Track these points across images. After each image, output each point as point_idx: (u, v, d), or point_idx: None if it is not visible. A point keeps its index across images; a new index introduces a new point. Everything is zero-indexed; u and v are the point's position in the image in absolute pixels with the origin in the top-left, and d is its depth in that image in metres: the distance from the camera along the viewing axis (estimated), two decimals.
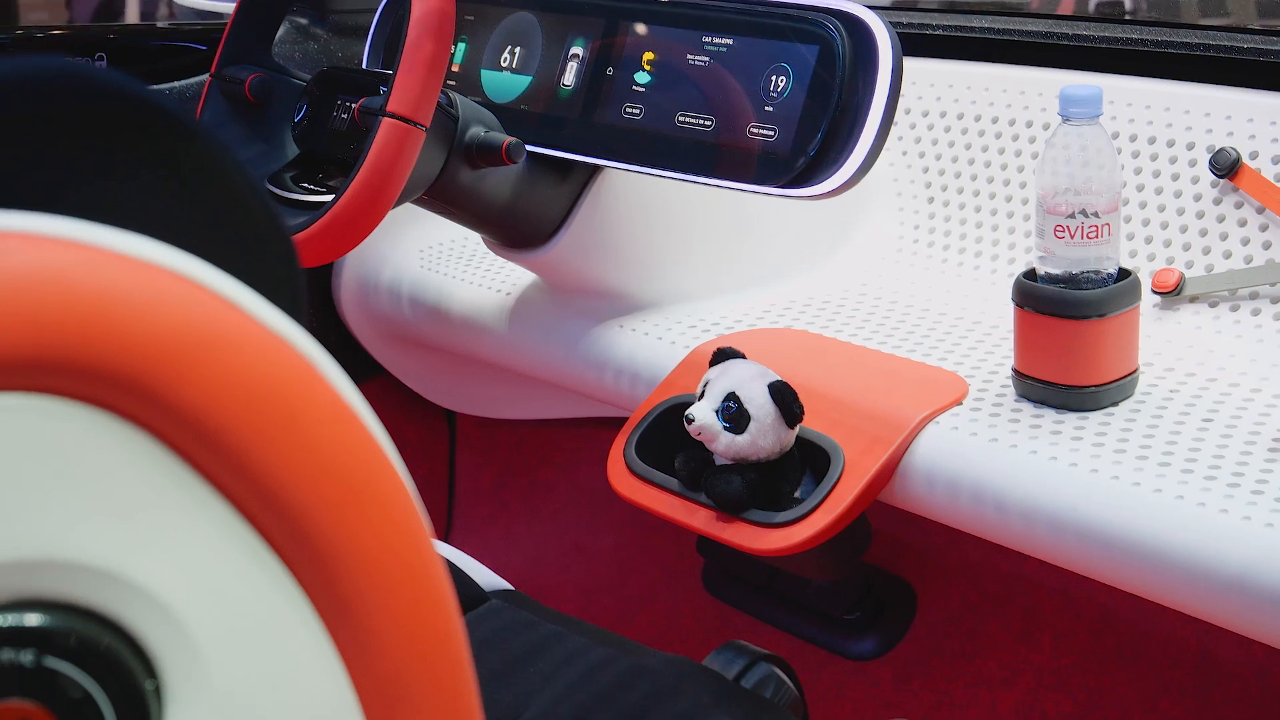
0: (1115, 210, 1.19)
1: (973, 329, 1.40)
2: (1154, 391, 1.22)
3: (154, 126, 0.48)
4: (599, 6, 1.41)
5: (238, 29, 1.51)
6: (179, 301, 0.40)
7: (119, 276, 0.40)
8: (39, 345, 0.38)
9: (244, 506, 0.41)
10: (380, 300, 1.81)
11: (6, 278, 0.38)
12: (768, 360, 1.28)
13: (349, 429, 0.42)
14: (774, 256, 1.57)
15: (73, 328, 0.39)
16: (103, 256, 0.40)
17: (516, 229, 1.48)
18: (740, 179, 1.27)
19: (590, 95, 1.39)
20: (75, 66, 0.47)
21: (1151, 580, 1.09)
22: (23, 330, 0.38)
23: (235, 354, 0.40)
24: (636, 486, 1.32)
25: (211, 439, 0.40)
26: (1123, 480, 1.10)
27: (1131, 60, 1.50)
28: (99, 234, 0.40)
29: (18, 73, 0.46)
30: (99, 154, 0.47)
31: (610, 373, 1.49)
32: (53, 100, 0.46)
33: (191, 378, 0.39)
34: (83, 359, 0.39)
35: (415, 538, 0.43)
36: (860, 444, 1.23)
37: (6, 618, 0.38)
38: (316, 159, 1.45)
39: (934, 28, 1.67)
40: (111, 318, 0.39)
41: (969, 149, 1.57)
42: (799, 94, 1.24)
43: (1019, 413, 1.21)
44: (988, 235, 1.53)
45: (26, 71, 0.46)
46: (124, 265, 0.40)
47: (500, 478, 2.09)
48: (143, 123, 0.48)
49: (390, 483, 0.42)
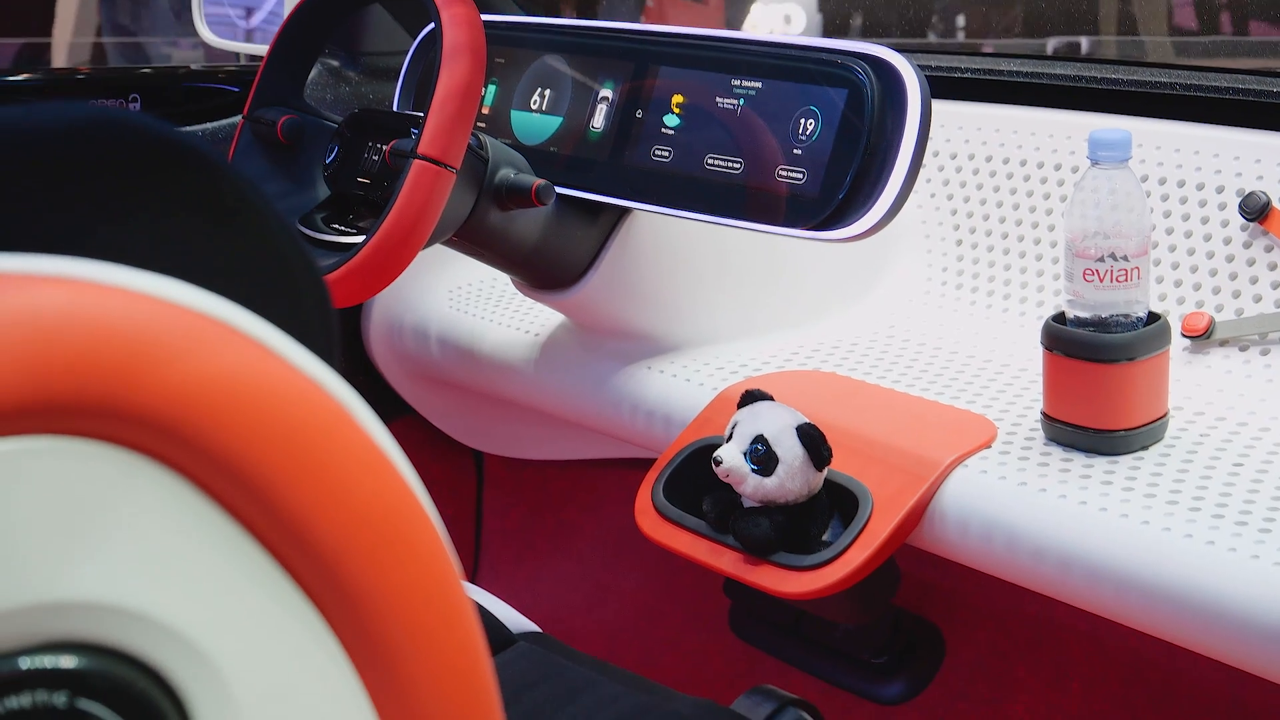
0: (1145, 254, 1.19)
1: (1001, 372, 1.39)
2: (1184, 436, 1.21)
3: (187, 169, 0.49)
4: (628, 50, 1.42)
5: (270, 71, 1.52)
6: (213, 346, 0.41)
7: (155, 321, 0.40)
8: (74, 389, 0.38)
9: (276, 550, 0.41)
10: (409, 340, 1.82)
11: (44, 322, 0.38)
12: (796, 402, 1.28)
13: (382, 473, 0.42)
14: (802, 298, 1.57)
15: (108, 372, 0.39)
16: (139, 301, 0.40)
17: (545, 270, 1.48)
18: (769, 221, 1.27)
19: (619, 137, 1.40)
20: (107, 112, 0.47)
21: (1182, 626, 1.08)
22: (59, 374, 0.38)
23: (269, 399, 0.40)
24: (664, 528, 1.32)
25: (244, 482, 0.40)
26: (1153, 525, 1.10)
27: (1160, 103, 1.50)
28: (135, 278, 0.41)
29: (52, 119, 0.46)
30: (133, 197, 0.48)
31: (638, 414, 1.49)
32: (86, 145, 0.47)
33: (226, 422, 0.40)
34: (118, 403, 0.39)
35: (447, 582, 0.43)
36: (889, 487, 1.23)
37: (41, 660, 0.39)
38: (347, 200, 1.46)
39: (962, 70, 1.68)
40: (147, 362, 0.39)
41: (997, 191, 1.57)
42: (828, 137, 1.24)
43: (1048, 456, 1.21)
44: (1016, 278, 1.52)
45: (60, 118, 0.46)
46: (159, 310, 0.40)
47: (527, 518, 2.08)
48: (176, 165, 0.48)
49: (422, 527, 0.42)
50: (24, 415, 0.38)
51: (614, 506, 1.98)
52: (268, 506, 0.40)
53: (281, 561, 0.41)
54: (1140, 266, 1.18)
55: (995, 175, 1.57)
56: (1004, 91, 1.63)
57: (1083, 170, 1.21)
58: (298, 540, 0.41)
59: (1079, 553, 1.12)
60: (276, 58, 1.52)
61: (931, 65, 1.69)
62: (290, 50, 1.52)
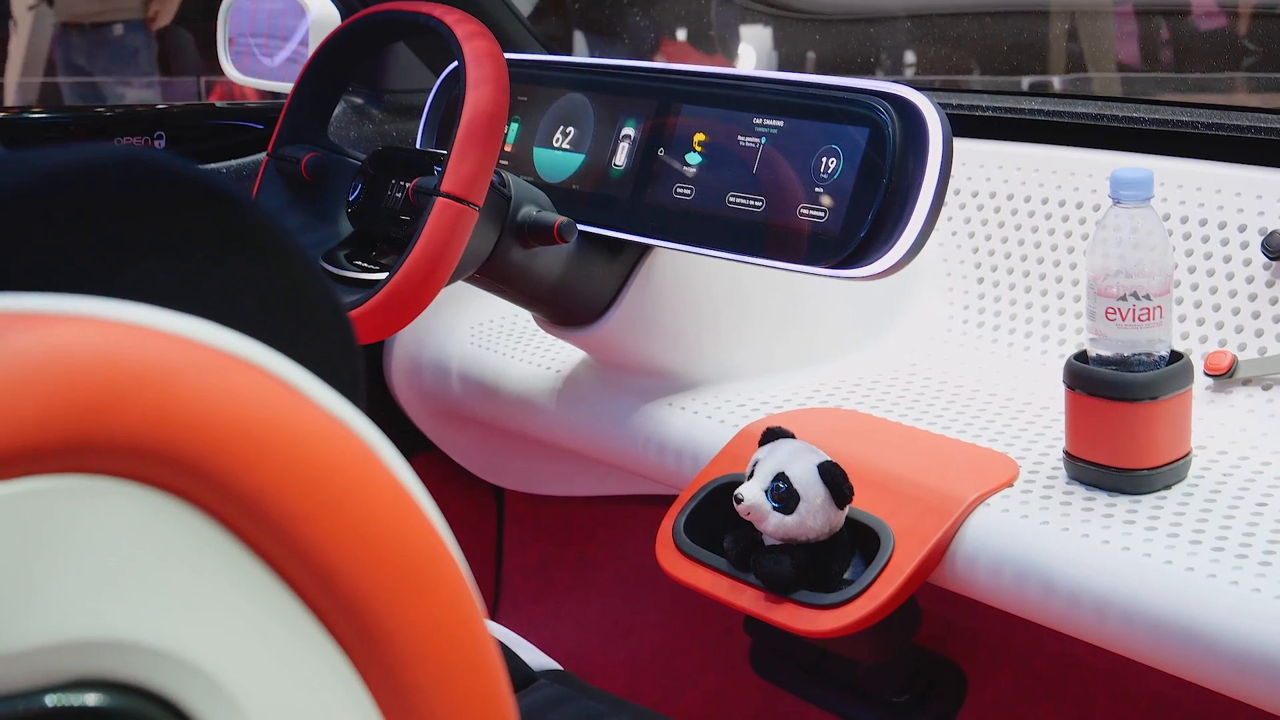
0: (1167, 293, 1.19)
1: (1023, 410, 1.39)
2: (1207, 475, 1.21)
3: (212, 208, 0.49)
4: (651, 88, 1.43)
5: (295, 109, 1.53)
6: (239, 386, 0.41)
7: (180, 360, 0.40)
8: (102, 429, 0.39)
9: (300, 588, 0.41)
10: (430, 376, 1.82)
11: (73, 362, 0.39)
12: (817, 440, 1.28)
13: (406, 512, 0.42)
14: (824, 336, 1.57)
15: (135, 412, 0.39)
16: (166, 341, 0.41)
17: (567, 307, 1.49)
18: (790, 259, 1.27)
19: (641, 175, 1.41)
20: (133, 151, 0.48)
21: (1205, 667, 1.08)
22: (86, 414, 0.39)
23: (294, 438, 0.41)
24: (685, 565, 1.32)
25: (270, 521, 0.40)
26: (1176, 565, 1.09)
27: (1182, 142, 1.50)
28: (162, 318, 0.41)
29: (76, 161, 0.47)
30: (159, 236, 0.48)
31: (659, 450, 1.49)
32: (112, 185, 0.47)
33: (250, 461, 0.40)
34: (145, 442, 0.39)
35: (470, 620, 0.43)
36: (910, 525, 1.22)
37: (66, 697, 0.39)
38: (370, 237, 1.47)
39: (984, 109, 1.68)
40: (172, 401, 0.40)
41: (1019, 230, 1.57)
42: (849, 175, 1.24)
43: (1070, 495, 1.20)
44: (1038, 316, 1.52)
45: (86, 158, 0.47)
46: (186, 350, 0.41)
47: (548, 554, 2.08)
48: (201, 204, 0.49)
49: (446, 566, 0.43)
50: (52, 455, 0.38)
51: (635, 543, 1.98)
52: (293, 545, 0.41)
53: (306, 600, 0.42)
54: (1163, 305, 1.18)
55: (1017, 213, 1.58)
56: (1025, 130, 1.64)
57: (1104, 209, 1.21)
58: (322, 579, 0.41)
59: (1101, 592, 1.12)
60: (301, 95, 1.53)
61: (953, 104, 1.69)
62: (315, 88, 1.54)
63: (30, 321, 0.40)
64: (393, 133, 1.91)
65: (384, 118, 1.92)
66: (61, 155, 0.46)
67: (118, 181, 0.47)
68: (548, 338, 1.69)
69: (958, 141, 1.24)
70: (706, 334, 1.53)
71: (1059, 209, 1.54)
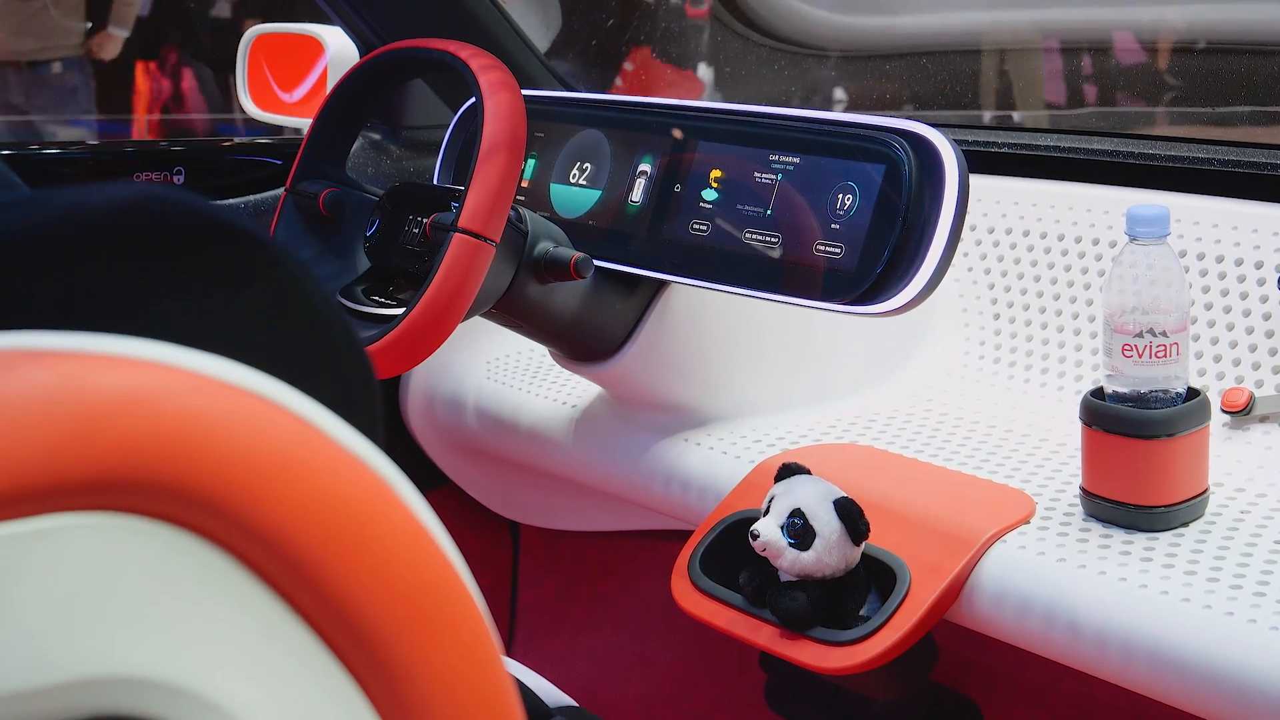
0: (1184, 329, 1.19)
1: (1039, 446, 1.39)
2: (1224, 513, 1.21)
3: (232, 246, 0.49)
4: (667, 124, 1.43)
5: (313, 145, 1.54)
6: (258, 423, 0.41)
7: (200, 398, 0.41)
8: (120, 466, 0.39)
9: (319, 625, 0.41)
10: (446, 411, 1.82)
11: (89, 400, 0.39)
12: (833, 476, 1.28)
13: (423, 551, 0.42)
14: (840, 372, 1.57)
15: (154, 449, 0.39)
16: (184, 378, 0.41)
17: (583, 342, 1.49)
18: (806, 296, 1.27)
19: (658, 211, 1.41)
20: (152, 190, 0.48)
21: (1223, 704, 1.07)
22: (105, 452, 0.39)
23: (313, 476, 0.41)
24: (700, 601, 1.31)
25: (288, 559, 0.40)
26: (1193, 602, 1.09)
27: (1198, 179, 1.50)
28: (182, 356, 0.41)
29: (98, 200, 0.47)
30: (180, 275, 0.48)
31: (675, 486, 1.49)
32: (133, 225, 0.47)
33: (270, 499, 0.40)
34: (163, 480, 0.39)
35: (487, 659, 0.43)
36: (926, 562, 1.22)
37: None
38: (387, 272, 1.47)
39: (999, 145, 1.68)
40: (192, 439, 0.40)
41: (1035, 266, 1.57)
42: (865, 212, 1.25)
43: (1087, 532, 1.20)
44: (1054, 352, 1.52)
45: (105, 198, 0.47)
46: (205, 386, 0.41)
47: (563, 589, 2.08)
48: (221, 243, 0.49)
49: (463, 604, 0.43)
50: (71, 493, 0.38)
51: (650, 578, 1.98)
52: (311, 583, 0.41)
53: (324, 637, 0.42)
54: (1179, 342, 1.18)
55: (1033, 250, 1.58)
56: (1041, 166, 1.64)
57: (1121, 245, 1.21)
58: (340, 616, 0.41)
59: (1119, 629, 1.12)
60: (320, 131, 1.54)
61: (968, 140, 1.69)
62: (333, 124, 1.54)
63: (51, 359, 0.40)
64: (410, 168, 1.92)
65: (401, 153, 1.93)
66: (83, 194, 0.47)
67: (138, 220, 0.47)
68: (564, 373, 1.70)
69: (974, 178, 1.25)
70: (722, 369, 1.53)
71: (1075, 245, 1.54)
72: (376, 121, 1.93)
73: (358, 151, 1.87)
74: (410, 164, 1.92)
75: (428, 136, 1.93)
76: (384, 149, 1.92)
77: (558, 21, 2.73)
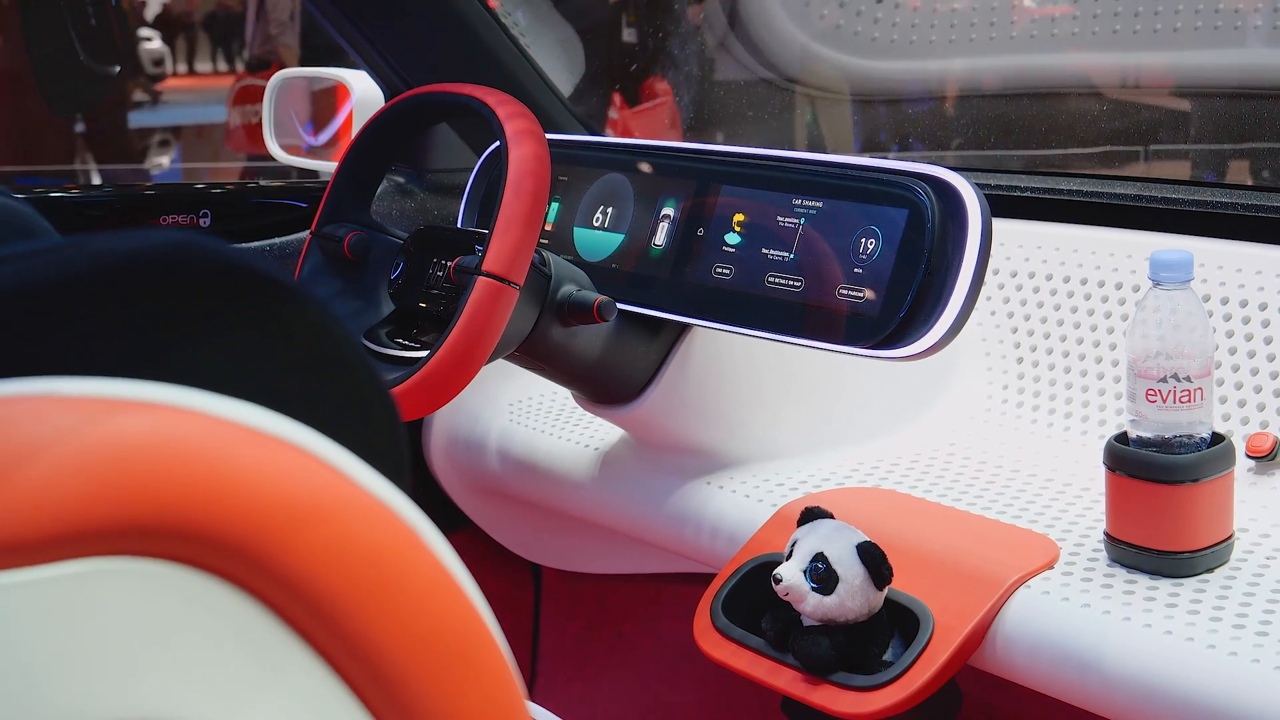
0: (1208, 374, 1.18)
1: (1063, 491, 1.39)
2: (1250, 558, 1.20)
3: (258, 293, 0.50)
4: (690, 168, 1.44)
5: (339, 189, 1.55)
6: (286, 469, 0.41)
7: (228, 444, 0.41)
8: (148, 511, 0.39)
9: (345, 671, 0.42)
10: (469, 453, 1.83)
11: (122, 446, 0.39)
12: (856, 520, 1.28)
13: (450, 598, 0.42)
14: (862, 416, 1.57)
15: (181, 494, 0.40)
16: (211, 424, 0.41)
17: (606, 385, 1.49)
18: (829, 339, 1.28)
19: (681, 255, 1.41)
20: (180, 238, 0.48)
21: None
22: (134, 498, 0.39)
23: (341, 522, 0.41)
24: (722, 645, 1.31)
25: (315, 605, 0.41)
26: (1219, 649, 1.08)
27: (1222, 223, 1.50)
28: (209, 402, 0.42)
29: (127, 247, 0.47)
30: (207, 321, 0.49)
31: (697, 529, 1.49)
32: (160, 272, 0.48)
33: (297, 545, 0.40)
34: (190, 525, 0.40)
35: (511, 706, 0.43)
36: (950, 607, 1.22)
37: None
38: (412, 315, 1.48)
39: (1022, 189, 1.68)
40: (219, 484, 0.40)
41: (1058, 310, 1.57)
42: (889, 256, 1.25)
43: (1111, 578, 1.20)
44: (1078, 396, 1.52)
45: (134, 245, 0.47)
46: (232, 432, 0.41)
47: (584, 632, 2.08)
48: (247, 290, 0.49)
49: (488, 651, 0.43)
50: (100, 538, 0.39)
51: (672, 621, 1.97)
52: (337, 629, 0.41)
53: (349, 683, 0.42)
54: (1204, 387, 1.18)
55: (1056, 294, 1.57)
56: (1064, 210, 1.64)
57: (1144, 290, 1.21)
58: (365, 662, 0.41)
59: (1144, 676, 1.11)
60: (345, 174, 1.55)
61: (990, 184, 1.70)
62: (359, 167, 1.55)
63: (80, 405, 0.40)
64: (434, 211, 1.92)
65: (425, 196, 1.94)
66: (113, 241, 0.47)
67: (167, 267, 0.48)
68: (586, 415, 1.70)
69: (996, 222, 1.25)
70: (745, 413, 1.53)
71: (1098, 289, 1.54)
72: (401, 164, 1.94)
73: (382, 194, 1.88)
74: (434, 206, 1.93)
75: (451, 179, 1.94)
76: (408, 191, 1.93)
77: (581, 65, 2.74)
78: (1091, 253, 1.56)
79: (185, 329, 0.48)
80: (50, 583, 0.38)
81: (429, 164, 1.95)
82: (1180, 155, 2.70)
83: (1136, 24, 2.37)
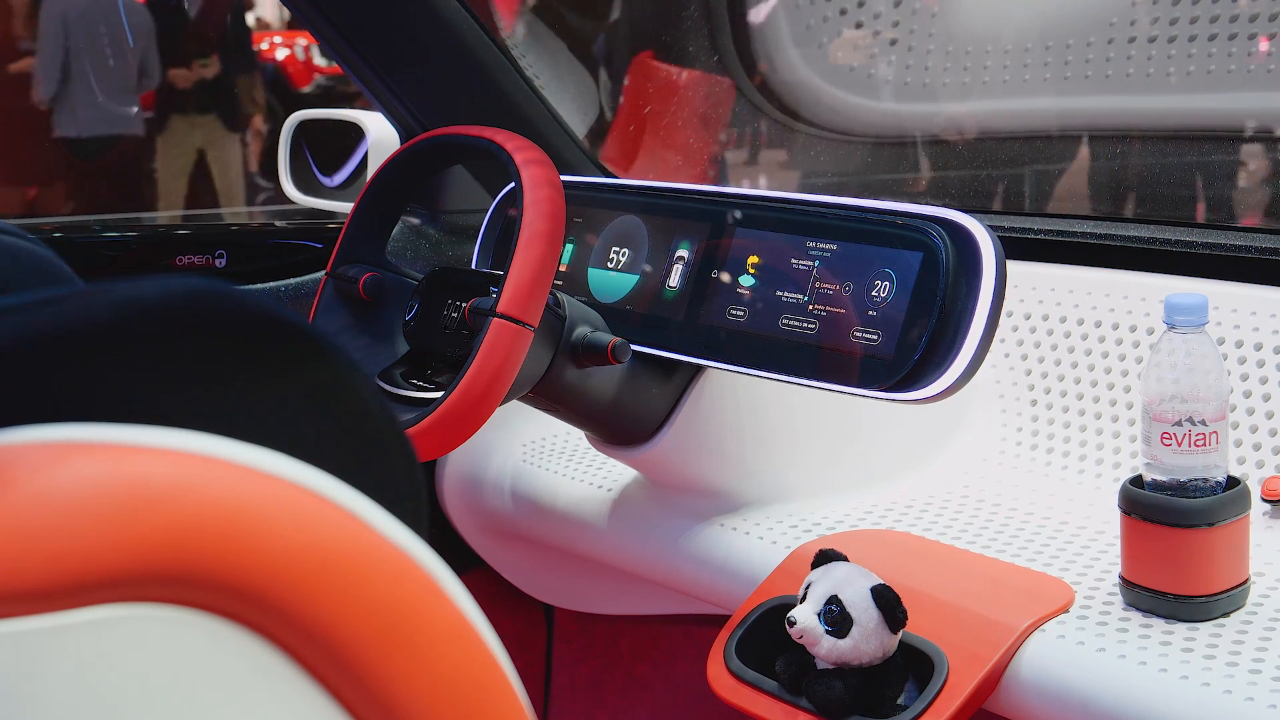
0: (1223, 418, 1.18)
1: (1078, 534, 1.38)
2: (1266, 602, 1.20)
3: (280, 340, 0.50)
4: (704, 210, 1.44)
5: (354, 230, 1.55)
6: (305, 516, 0.42)
7: (250, 492, 0.41)
8: (167, 558, 0.39)
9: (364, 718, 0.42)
10: (483, 494, 1.83)
11: (143, 493, 0.40)
12: (870, 563, 1.27)
13: (468, 646, 0.42)
14: (876, 458, 1.57)
15: (201, 541, 0.40)
16: (231, 470, 0.41)
17: (620, 426, 1.49)
18: (843, 382, 1.28)
19: (695, 296, 1.42)
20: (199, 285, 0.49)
21: None
22: (152, 544, 0.39)
23: (360, 570, 0.41)
24: (736, 688, 1.31)
25: (335, 653, 0.41)
26: (1235, 695, 1.08)
27: (1236, 266, 1.50)
28: (227, 448, 0.42)
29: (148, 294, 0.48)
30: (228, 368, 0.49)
31: (711, 571, 1.49)
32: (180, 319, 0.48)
33: (316, 593, 0.41)
34: (209, 572, 0.40)
35: None
36: (965, 651, 1.21)
37: None
38: (426, 356, 1.48)
39: (1036, 231, 1.69)
40: (239, 531, 0.40)
41: (1072, 353, 1.57)
42: (903, 299, 1.25)
43: (1127, 622, 1.19)
44: (1092, 439, 1.52)
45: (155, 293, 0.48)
46: (255, 480, 0.42)
47: (597, 673, 2.07)
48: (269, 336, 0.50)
49: (506, 698, 0.43)
50: (121, 584, 0.39)
51: (685, 663, 1.97)
52: (357, 677, 0.41)
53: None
54: (1219, 430, 1.18)
55: (1070, 336, 1.58)
56: (1079, 253, 1.64)
57: (1159, 333, 1.21)
58: (385, 709, 0.41)
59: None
60: (361, 216, 1.56)
61: (1004, 226, 1.70)
62: (374, 209, 1.56)
63: (100, 451, 0.40)
64: (449, 252, 1.93)
65: (440, 237, 1.94)
66: (134, 289, 0.47)
67: (187, 314, 0.48)
68: (600, 456, 1.70)
69: (1011, 264, 1.25)
70: (759, 455, 1.53)
71: (1112, 332, 1.54)
72: (416, 205, 1.95)
73: (397, 235, 1.89)
74: (449, 247, 1.93)
75: (466, 220, 1.94)
76: (423, 233, 1.94)
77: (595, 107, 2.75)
78: (1105, 295, 1.56)
79: (207, 376, 0.49)
80: (72, 629, 0.38)
81: (444, 205, 1.96)
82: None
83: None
